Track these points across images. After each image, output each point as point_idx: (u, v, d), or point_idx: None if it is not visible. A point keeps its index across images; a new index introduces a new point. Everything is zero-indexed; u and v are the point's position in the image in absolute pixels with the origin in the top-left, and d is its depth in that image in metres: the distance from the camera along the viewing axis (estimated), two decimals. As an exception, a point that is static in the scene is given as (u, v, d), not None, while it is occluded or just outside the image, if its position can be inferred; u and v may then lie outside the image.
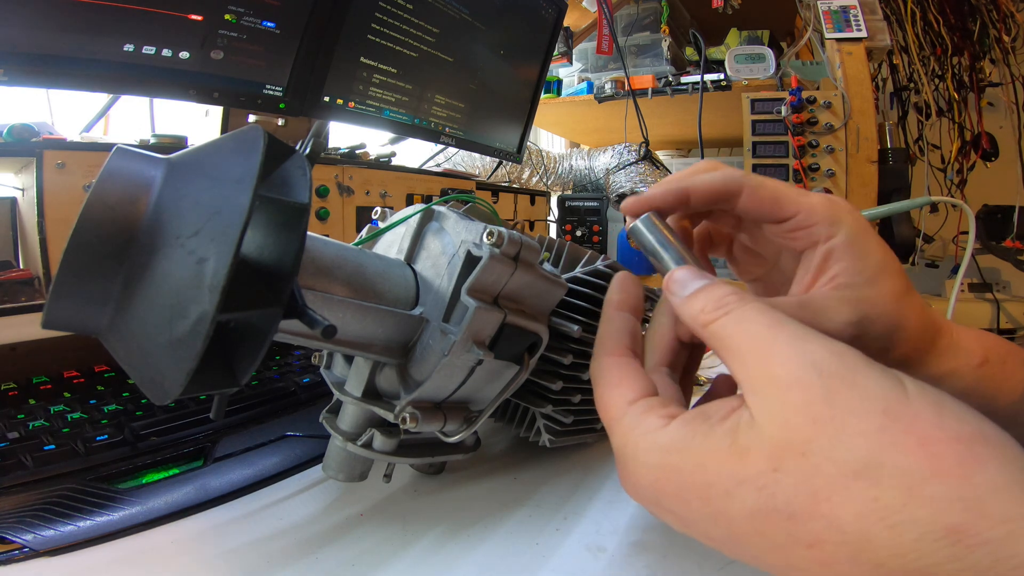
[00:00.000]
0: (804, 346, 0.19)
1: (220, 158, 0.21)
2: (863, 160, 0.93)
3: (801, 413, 0.18)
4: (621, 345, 0.26)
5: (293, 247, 0.22)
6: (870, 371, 0.18)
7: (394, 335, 0.30)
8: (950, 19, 1.47)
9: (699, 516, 0.20)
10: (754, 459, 0.18)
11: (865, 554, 0.16)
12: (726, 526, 0.19)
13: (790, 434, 0.18)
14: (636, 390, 0.23)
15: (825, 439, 0.17)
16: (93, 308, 0.20)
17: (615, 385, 0.24)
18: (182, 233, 0.20)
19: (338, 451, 0.34)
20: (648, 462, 0.21)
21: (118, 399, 0.46)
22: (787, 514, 0.18)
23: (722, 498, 0.19)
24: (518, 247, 0.29)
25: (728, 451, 0.19)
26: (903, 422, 0.17)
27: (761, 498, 0.18)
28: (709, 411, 0.21)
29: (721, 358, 0.22)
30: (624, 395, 0.23)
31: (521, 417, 0.42)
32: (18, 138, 0.48)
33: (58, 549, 0.30)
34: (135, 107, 0.82)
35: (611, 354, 0.26)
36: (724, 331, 0.21)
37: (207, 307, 0.18)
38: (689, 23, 1.41)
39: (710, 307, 0.22)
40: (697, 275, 0.24)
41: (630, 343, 0.26)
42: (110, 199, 0.20)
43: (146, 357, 0.20)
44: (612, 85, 1.30)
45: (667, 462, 0.21)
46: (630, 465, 0.22)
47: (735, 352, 0.21)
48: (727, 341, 0.21)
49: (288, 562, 0.30)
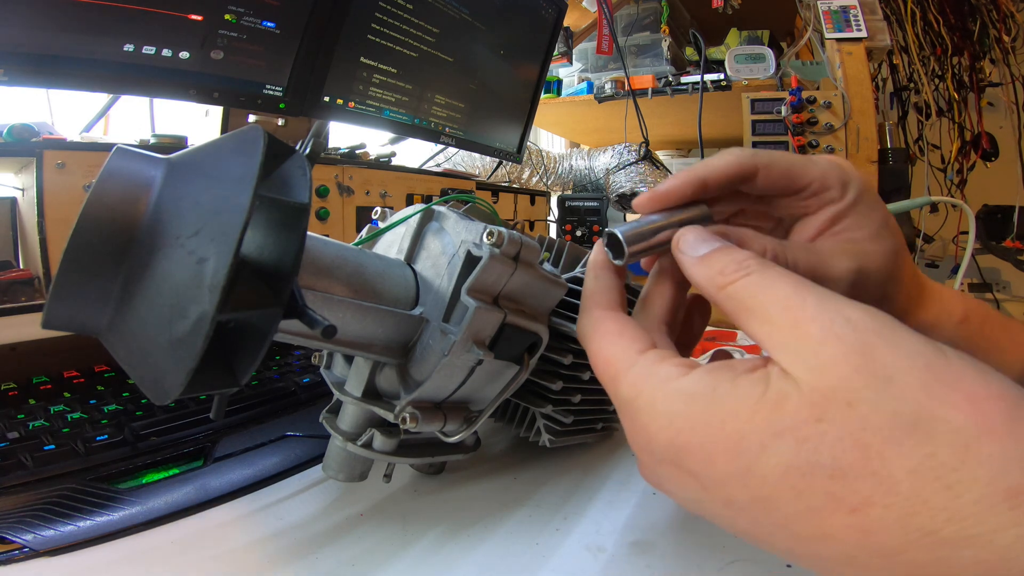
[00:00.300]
0: (835, 305, 0.18)
1: (220, 158, 0.21)
2: (863, 160, 0.93)
3: (842, 363, 0.17)
4: (613, 300, 0.25)
5: (293, 247, 0.22)
6: (904, 330, 0.17)
7: (394, 335, 0.30)
8: (950, 19, 1.47)
9: (724, 474, 0.18)
10: (794, 408, 0.17)
11: (917, 518, 0.15)
12: (756, 486, 0.17)
13: (834, 382, 0.16)
14: (642, 340, 0.22)
15: (871, 391, 0.16)
16: (93, 308, 0.20)
17: (617, 335, 0.23)
18: (182, 233, 0.20)
19: (338, 451, 0.34)
20: (669, 411, 0.19)
21: (118, 399, 0.46)
22: (831, 471, 0.16)
23: (755, 451, 0.17)
24: (518, 247, 0.29)
25: (762, 400, 0.17)
26: (948, 378, 0.16)
27: (802, 452, 0.16)
28: (733, 364, 0.19)
29: (739, 320, 0.20)
30: (631, 345, 0.22)
31: (521, 417, 0.42)
32: (18, 138, 0.48)
33: (58, 549, 0.30)
34: (135, 107, 0.82)
35: (605, 308, 0.25)
36: (746, 292, 0.20)
37: (207, 307, 0.18)
38: (689, 23, 1.41)
39: (730, 269, 0.21)
40: (709, 236, 0.23)
41: (620, 300, 0.25)
42: (110, 199, 0.20)
43: (146, 357, 0.20)
44: (612, 85, 1.30)
45: (692, 411, 0.19)
46: (644, 418, 0.20)
47: (759, 313, 0.19)
48: (749, 302, 0.20)
49: (288, 562, 0.30)
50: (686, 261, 0.23)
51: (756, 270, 0.20)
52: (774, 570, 0.30)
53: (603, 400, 0.44)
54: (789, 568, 0.30)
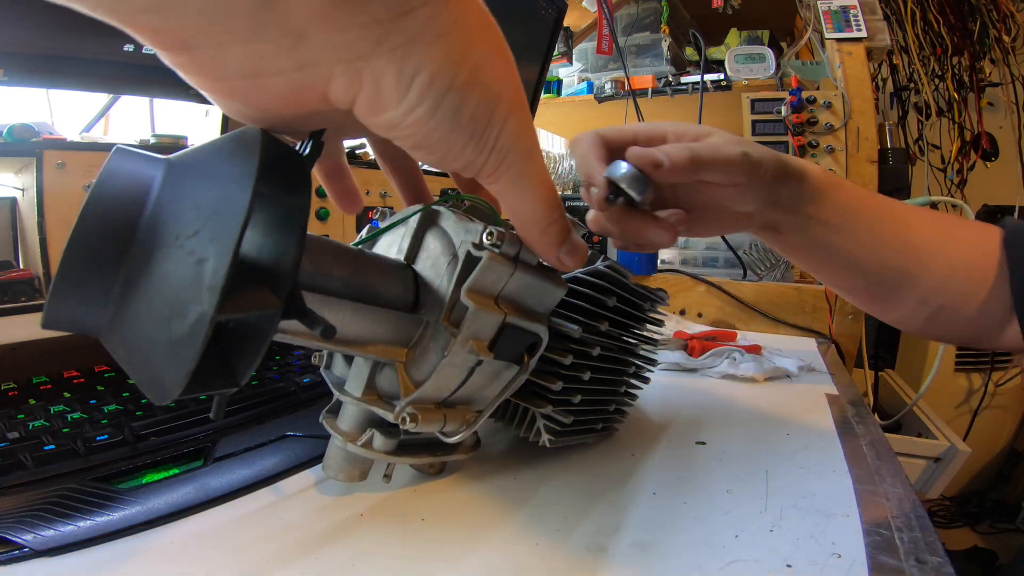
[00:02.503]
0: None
1: (219, 159, 0.21)
2: (863, 160, 0.93)
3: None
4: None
5: (292, 247, 0.22)
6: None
7: (394, 335, 0.30)
8: (950, 19, 1.47)
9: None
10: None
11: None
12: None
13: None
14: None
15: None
16: (92, 308, 0.20)
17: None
18: (181, 233, 0.20)
19: (338, 451, 0.34)
20: None
21: (118, 399, 0.46)
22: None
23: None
24: (518, 247, 0.29)
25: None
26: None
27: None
28: None
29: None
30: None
31: (521, 417, 0.42)
32: (18, 138, 0.48)
33: (58, 549, 0.30)
34: (135, 107, 0.82)
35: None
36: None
37: (206, 307, 0.18)
38: (689, 23, 1.41)
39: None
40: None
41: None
42: (110, 199, 0.20)
43: (145, 357, 0.20)
44: (612, 85, 1.30)
45: None
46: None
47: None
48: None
49: (288, 562, 0.30)
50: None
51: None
52: (774, 570, 0.30)
53: (604, 400, 0.44)
54: (789, 568, 0.30)
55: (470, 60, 0.20)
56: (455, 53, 0.19)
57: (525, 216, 0.25)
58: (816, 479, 0.40)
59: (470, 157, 0.22)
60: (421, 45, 0.19)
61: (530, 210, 0.25)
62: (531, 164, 0.24)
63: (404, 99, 0.19)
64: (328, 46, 0.18)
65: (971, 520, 1.51)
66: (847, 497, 0.37)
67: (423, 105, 0.20)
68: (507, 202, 0.25)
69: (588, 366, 0.39)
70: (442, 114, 0.20)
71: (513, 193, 0.24)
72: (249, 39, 0.17)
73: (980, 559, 1.34)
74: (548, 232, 0.26)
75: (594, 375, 0.39)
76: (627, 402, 0.48)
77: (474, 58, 0.20)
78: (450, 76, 0.20)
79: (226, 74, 0.19)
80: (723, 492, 0.38)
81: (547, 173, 0.25)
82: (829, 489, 0.38)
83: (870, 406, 0.85)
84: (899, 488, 0.38)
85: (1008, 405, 1.53)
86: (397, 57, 0.19)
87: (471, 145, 0.22)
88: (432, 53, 0.19)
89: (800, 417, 0.52)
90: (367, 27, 0.18)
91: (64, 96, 0.73)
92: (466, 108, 0.20)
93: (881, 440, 0.47)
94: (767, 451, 0.45)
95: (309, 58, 0.18)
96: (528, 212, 0.25)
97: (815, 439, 0.47)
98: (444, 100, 0.20)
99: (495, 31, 0.22)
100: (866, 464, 0.43)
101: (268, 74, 0.18)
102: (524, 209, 0.25)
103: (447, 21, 0.19)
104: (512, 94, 0.22)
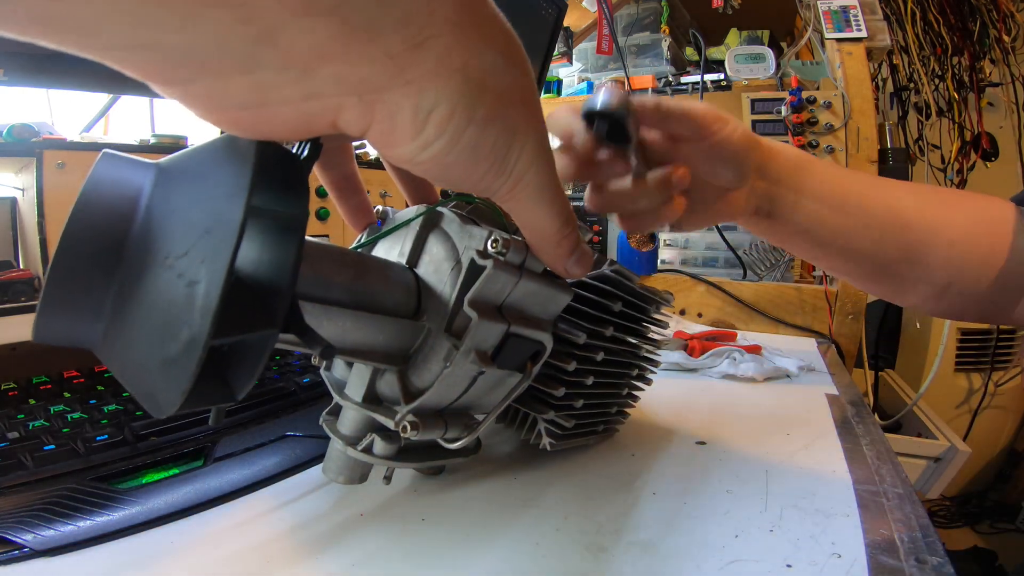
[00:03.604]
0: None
1: (211, 167, 0.20)
2: (863, 160, 0.92)
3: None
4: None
5: (290, 261, 0.20)
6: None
7: (395, 342, 0.29)
8: (950, 19, 1.47)
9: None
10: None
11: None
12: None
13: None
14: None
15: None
16: (84, 322, 0.19)
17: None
18: (171, 253, 0.18)
19: (338, 454, 0.34)
20: None
21: (118, 399, 0.46)
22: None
23: None
24: (523, 255, 0.28)
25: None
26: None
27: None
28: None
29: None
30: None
31: (522, 421, 0.41)
32: (18, 138, 0.48)
33: (58, 549, 0.30)
34: (135, 107, 0.82)
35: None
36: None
37: (198, 331, 0.17)
38: (689, 23, 1.41)
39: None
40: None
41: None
42: (96, 210, 0.19)
43: (141, 373, 0.19)
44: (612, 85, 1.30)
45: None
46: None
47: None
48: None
49: (288, 563, 0.30)
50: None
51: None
52: (774, 570, 0.30)
53: (605, 403, 0.44)
54: (789, 568, 0.30)
55: (490, 92, 0.19)
56: (474, 87, 0.19)
57: (538, 230, 0.25)
58: (816, 479, 0.40)
59: (487, 184, 0.22)
60: (438, 79, 0.18)
61: (545, 225, 0.25)
62: (547, 181, 0.23)
63: (421, 134, 0.19)
64: (336, 79, 0.17)
65: (971, 520, 1.51)
66: (847, 497, 0.37)
67: (440, 140, 0.19)
68: (521, 217, 0.25)
69: (591, 371, 0.38)
70: (460, 148, 0.19)
71: (528, 210, 0.24)
72: (249, 71, 0.16)
73: (980, 559, 1.34)
74: (561, 245, 0.26)
75: (597, 379, 0.39)
76: (629, 403, 0.47)
77: (494, 89, 0.19)
78: (469, 111, 0.19)
79: (226, 105, 0.17)
80: (723, 492, 0.38)
81: (560, 187, 0.24)
82: (829, 489, 0.38)
83: (870, 406, 0.85)
84: (899, 488, 0.38)
85: (1008, 405, 1.53)
86: (413, 91, 0.18)
87: (490, 174, 0.21)
88: (450, 88, 0.18)
89: (800, 417, 0.52)
90: (379, 61, 0.17)
91: (64, 96, 0.73)
92: (485, 142, 0.20)
93: (881, 440, 0.47)
94: (767, 451, 0.45)
95: (316, 89, 0.17)
96: (542, 227, 0.25)
97: (815, 439, 0.47)
98: (463, 136, 0.19)
99: (517, 52, 0.21)
100: (866, 464, 0.43)
101: (272, 104, 0.17)
102: (538, 224, 0.25)
103: (466, 53, 0.18)
104: (531, 119, 0.21)
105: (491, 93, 0.19)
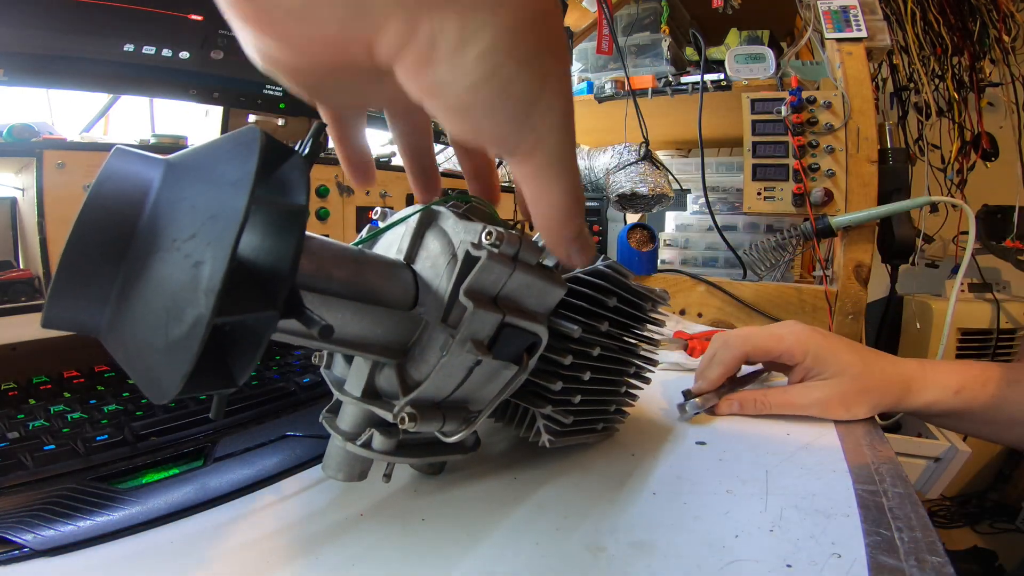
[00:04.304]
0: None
1: (217, 160, 0.21)
2: (863, 160, 0.92)
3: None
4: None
5: (290, 249, 0.22)
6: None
7: (393, 335, 0.30)
8: (950, 19, 1.47)
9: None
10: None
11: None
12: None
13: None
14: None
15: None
16: (92, 308, 0.20)
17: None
18: (179, 236, 0.20)
19: (338, 451, 0.34)
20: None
21: (118, 399, 0.46)
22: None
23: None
24: (517, 247, 0.29)
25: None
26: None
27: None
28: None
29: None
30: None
31: (521, 417, 0.41)
32: (18, 138, 0.48)
33: (58, 549, 0.30)
34: (135, 107, 0.82)
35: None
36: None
37: (202, 311, 0.18)
38: (689, 23, 1.41)
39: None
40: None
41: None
42: (108, 200, 0.20)
43: (144, 358, 0.20)
44: (612, 85, 1.30)
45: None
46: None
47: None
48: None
49: (288, 562, 0.30)
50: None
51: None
52: (774, 570, 0.30)
53: (604, 400, 0.44)
54: (789, 568, 0.30)
55: (533, 35, 0.19)
56: (522, 23, 0.18)
57: (548, 204, 0.24)
58: (816, 479, 0.40)
59: (506, 133, 0.21)
60: (489, 5, 0.18)
61: (555, 200, 0.24)
62: (565, 152, 0.23)
63: (460, 59, 0.18)
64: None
65: (971, 520, 1.50)
66: (847, 497, 0.37)
67: (476, 70, 0.18)
68: (532, 187, 0.24)
69: (588, 366, 0.39)
70: (493, 83, 0.19)
71: (541, 179, 0.23)
72: None
73: (980, 559, 1.34)
74: (567, 226, 0.25)
75: (594, 375, 0.39)
76: (628, 402, 0.48)
77: (537, 33, 0.19)
78: (510, 45, 0.19)
79: (273, 6, 0.18)
80: (723, 492, 0.38)
81: (577, 165, 0.24)
82: (829, 489, 0.38)
83: (870, 406, 0.84)
84: (899, 488, 0.38)
85: (1008, 405, 1.52)
86: (462, 13, 0.18)
87: (511, 122, 0.21)
88: (499, 16, 0.18)
89: (800, 417, 0.52)
90: None
91: (64, 96, 0.73)
92: (518, 82, 0.19)
93: (881, 440, 0.47)
94: (767, 451, 0.45)
95: (365, 1, 0.17)
96: (552, 201, 0.24)
97: (815, 439, 0.47)
98: (499, 69, 0.19)
99: (557, 6, 0.21)
100: (866, 464, 0.43)
101: (318, 16, 0.17)
102: (549, 197, 0.24)
103: None
104: (561, 80, 0.21)
105: (534, 36, 0.19)
